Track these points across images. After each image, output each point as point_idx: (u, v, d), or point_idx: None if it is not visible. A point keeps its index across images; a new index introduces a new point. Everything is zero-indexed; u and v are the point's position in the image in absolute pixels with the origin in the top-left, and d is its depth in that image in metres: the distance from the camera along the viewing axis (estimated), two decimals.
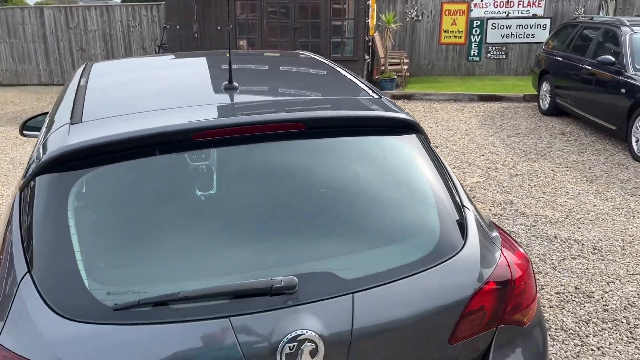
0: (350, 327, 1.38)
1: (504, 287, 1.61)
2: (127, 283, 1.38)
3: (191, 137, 1.57)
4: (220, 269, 1.44)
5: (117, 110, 1.80)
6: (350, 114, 1.76)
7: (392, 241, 1.59)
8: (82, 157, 1.54)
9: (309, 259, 1.48)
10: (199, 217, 1.55)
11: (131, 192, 1.57)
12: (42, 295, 1.33)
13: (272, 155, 1.67)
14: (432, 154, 1.83)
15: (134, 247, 1.48)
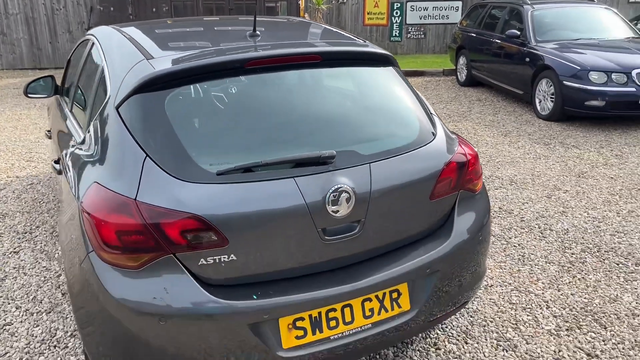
0: (369, 184, 2.08)
1: (462, 165, 2.37)
2: (222, 157, 2.00)
3: (244, 64, 2.20)
4: (284, 147, 2.09)
5: (176, 51, 2.38)
6: (351, 49, 2.45)
7: (391, 133, 2.31)
8: (167, 79, 2.12)
9: (339, 143, 2.15)
10: (260, 114, 2.18)
11: (208, 99, 2.17)
12: (163, 168, 1.93)
13: (300, 78, 2.33)
14: (406, 80, 2.55)
15: (221, 133, 2.09)
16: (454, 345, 2.80)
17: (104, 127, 2.21)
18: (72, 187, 2.24)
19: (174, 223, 1.86)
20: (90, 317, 1.98)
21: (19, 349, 2.85)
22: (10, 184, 5.25)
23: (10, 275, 3.58)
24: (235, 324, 1.90)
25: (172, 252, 1.87)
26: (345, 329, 2.08)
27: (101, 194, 1.95)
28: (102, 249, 1.90)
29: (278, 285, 2.01)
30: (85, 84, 3.01)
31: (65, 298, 3.30)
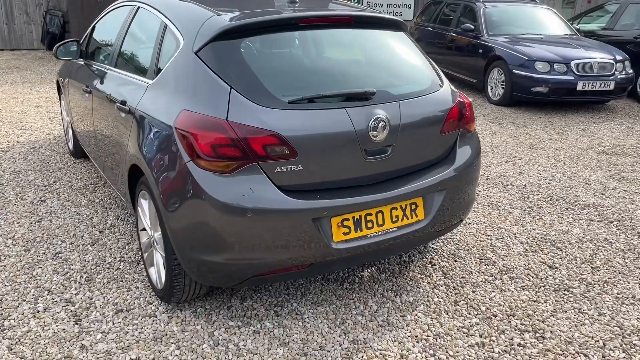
0: (399, 117, 2.69)
1: (462, 109, 3.02)
2: (290, 90, 2.56)
3: (298, 22, 2.77)
4: (336, 85, 2.67)
5: (236, 11, 2.90)
6: (374, 15, 3.04)
7: (410, 80, 2.93)
8: (240, 30, 2.66)
9: (375, 85, 2.74)
10: (314, 59, 2.75)
11: (273, 46, 2.72)
12: (246, 97, 2.47)
13: (337, 34, 2.92)
14: (415, 43, 3.19)
15: (287, 72, 2.65)
16: (446, 262, 3.46)
17: (182, 68, 2.71)
18: (152, 117, 2.74)
19: (259, 138, 2.41)
20: (186, 213, 2.48)
21: (76, 270, 3.29)
22: (13, 147, 5.53)
23: (45, 218, 3.97)
24: (302, 217, 2.47)
25: (256, 161, 2.42)
26: (378, 229, 2.69)
27: (195, 117, 2.47)
28: (200, 158, 2.42)
29: (331, 191, 2.59)
30: (136, 40, 3.47)
31: (104, 234, 3.74)
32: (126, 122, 3.06)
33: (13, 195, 4.35)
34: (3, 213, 4.04)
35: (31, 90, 8.31)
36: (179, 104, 2.60)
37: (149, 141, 2.74)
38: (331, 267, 2.71)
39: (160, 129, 2.65)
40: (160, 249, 2.86)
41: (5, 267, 3.29)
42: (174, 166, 2.52)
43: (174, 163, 2.52)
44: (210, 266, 2.54)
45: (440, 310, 2.95)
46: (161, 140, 2.62)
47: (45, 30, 13.46)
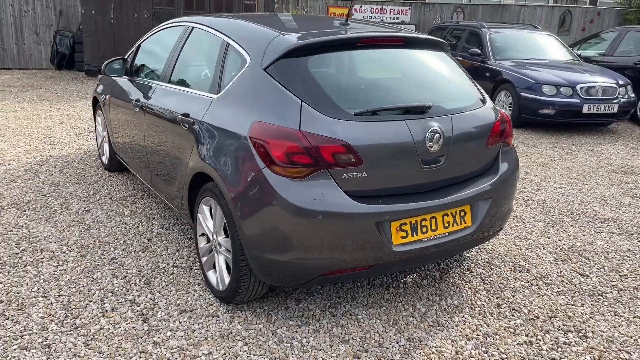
0: (452, 129, 2.92)
1: (503, 124, 3.26)
2: (355, 103, 2.78)
3: (357, 42, 3.01)
4: (395, 99, 2.89)
5: (296, 31, 3.13)
6: (422, 36, 3.30)
7: (458, 96, 3.16)
8: (306, 48, 2.88)
9: (429, 99, 2.97)
10: (373, 76, 2.98)
11: (336, 63, 2.95)
12: (316, 109, 2.68)
13: (391, 53, 3.15)
14: (457, 62, 3.43)
15: (351, 86, 2.88)
16: (482, 270, 3.66)
17: (251, 83, 2.93)
18: (222, 128, 2.94)
19: (329, 147, 2.62)
20: (260, 215, 2.67)
21: (134, 274, 3.45)
22: (47, 161, 5.70)
23: (93, 227, 4.13)
24: (367, 221, 2.67)
25: (326, 168, 2.63)
26: (432, 234, 2.89)
27: (269, 127, 2.68)
28: (274, 165, 2.62)
29: (391, 197, 2.79)
30: (193, 58, 3.70)
31: (152, 242, 3.91)
32: (189, 133, 3.26)
33: (58, 206, 4.51)
34: (52, 221, 4.19)
35: (51, 108, 8.49)
36: (250, 116, 2.81)
37: (218, 150, 2.93)
38: (389, 269, 2.90)
39: (232, 139, 2.85)
40: (224, 251, 3.04)
41: (66, 271, 3.44)
42: (248, 172, 2.72)
43: (249, 170, 2.72)
44: (279, 266, 2.72)
45: (485, 313, 3.14)
46: (233, 149, 2.82)
47: (54, 50, 13.70)
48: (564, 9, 16.12)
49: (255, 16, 3.79)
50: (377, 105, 2.80)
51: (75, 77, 12.21)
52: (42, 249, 3.73)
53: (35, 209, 4.43)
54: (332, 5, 14.89)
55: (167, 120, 3.59)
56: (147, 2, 11.22)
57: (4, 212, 4.34)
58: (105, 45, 11.50)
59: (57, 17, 13.87)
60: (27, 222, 4.16)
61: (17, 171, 5.32)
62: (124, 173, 5.42)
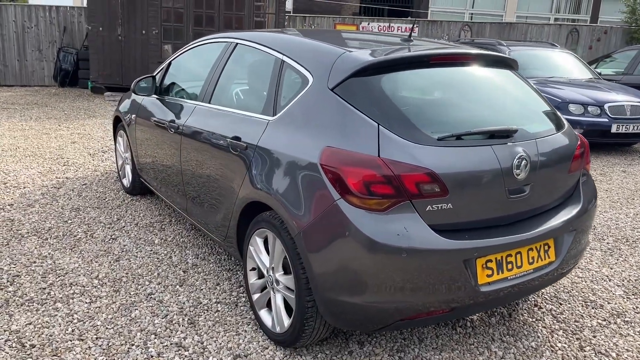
0: (537, 155, 2.65)
1: (583, 149, 3.00)
2: (435, 126, 2.51)
3: (430, 59, 2.75)
4: (475, 122, 2.62)
5: (361, 48, 2.87)
6: (494, 53, 3.05)
7: (537, 119, 2.89)
8: (378, 66, 2.62)
9: (511, 122, 2.72)
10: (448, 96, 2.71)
11: (409, 82, 2.69)
12: (396, 133, 2.41)
13: (464, 72, 2.89)
14: (529, 82, 3.18)
15: (428, 108, 2.61)
16: (551, 305, 3.37)
17: (316, 105, 2.65)
18: (283, 153, 2.66)
19: (412, 176, 2.34)
20: (333, 251, 2.38)
21: (175, 312, 3.14)
22: (64, 184, 5.39)
23: (122, 257, 3.82)
24: (454, 258, 2.38)
25: (409, 199, 2.35)
26: (517, 271, 2.61)
27: (344, 154, 2.40)
28: (351, 195, 2.34)
29: (477, 231, 2.51)
30: (240, 77, 3.43)
31: (189, 274, 3.60)
32: (239, 159, 2.98)
33: (81, 233, 4.20)
34: (77, 251, 3.88)
35: (60, 127, 8.19)
36: (318, 141, 2.53)
37: (280, 178, 2.65)
38: (471, 311, 2.61)
39: (297, 166, 2.57)
40: (283, 289, 2.74)
41: (101, 309, 3.13)
42: (319, 203, 2.43)
43: (320, 200, 2.43)
44: (353, 309, 2.43)
45: (569, 357, 2.85)
46: (300, 177, 2.54)
47: (58, 67, 13.45)
48: (571, 27, 16.05)
49: (306, 32, 3.53)
50: (461, 129, 2.53)
51: (80, 94, 11.94)
52: (71, 283, 3.41)
53: (58, 236, 4.12)
54: (339, 23, 14.74)
55: (211, 143, 3.30)
56: (156, 18, 10.98)
57: (24, 240, 4.02)
58: (112, 63, 11.24)
59: (61, 34, 13.65)
60: (51, 252, 3.85)
61: (34, 195, 5.00)
62: (146, 197, 5.12)
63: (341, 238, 2.36)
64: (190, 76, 4.07)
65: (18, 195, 4.99)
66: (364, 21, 14.97)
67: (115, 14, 11.09)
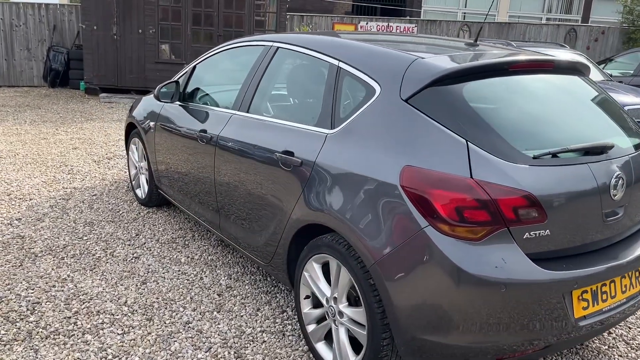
0: (632, 173, 2.41)
1: None
2: (531, 142, 2.25)
3: (509, 67, 2.49)
4: (567, 137, 2.35)
5: (432, 53, 2.60)
6: (572, 60, 2.79)
7: (626, 131, 2.63)
8: (457, 75, 2.35)
9: (603, 136, 2.47)
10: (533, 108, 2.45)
11: (491, 93, 2.42)
12: (488, 151, 2.14)
13: (545, 80, 2.64)
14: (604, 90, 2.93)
15: (515, 121, 2.33)
16: (622, 330, 3.14)
17: (387, 117, 2.38)
18: (350, 172, 2.38)
19: (510, 200, 2.07)
20: (418, 285, 2.11)
21: (218, 344, 2.85)
22: (72, 195, 5.04)
23: (149, 279, 3.51)
24: (554, 291, 2.12)
25: (507, 226, 2.08)
26: (611, 302, 2.36)
27: (431, 175, 2.12)
28: (442, 222, 2.07)
29: (573, 260, 2.25)
30: (285, 84, 3.14)
31: (224, 298, 3.30)
32: (293, 176, 2.70)
33: (100, 251, 3.87)
34: (99, 272, 3.56)
35: (58, 131, 7.81)
36: (395, 158, 2.26)
37: (347, 199, 2.37)
38: (563, 346, 2.36)
39: (370, 187, 2.29)
40: (348, 322, 2.47)
41: (136, 342, 2.82)
42: (402, 230, 2.16)
43: (402, 227, 2.16)
44: (440, 349, 2.16)
45: None
46: (374, 200, 2.27)
47: (48, 66, 12.98)
48: (569, 28, 15.97)
49: (355, 35, 3.25)
50: (555, 145, 2.27)
51: (73, 95, 11.52)
52: (99, 311, 3.10)
53: (75, 255, 3.79)
54: (337, 22, 14.46)
55: (254, 157, 3.01)
56: (153, 17, 10.61)
57: (39, 260, 3.69)
58: (107, 63, 10.84)
59: (51, 32, 13.18)
60: (70, 274, 3.52)
61: (42, 207, 4.66)
62: (163, 209, 4.80)
63: (429, 270, 2.10)
64: (220, 82, 3.77)
65: (25, 208, 4.63)
66: (362, 21, 14.71)
67: (110, 12, 10.68)
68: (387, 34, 3.46)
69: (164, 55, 10.91)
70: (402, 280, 2.16)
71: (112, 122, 8.69)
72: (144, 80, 10.91)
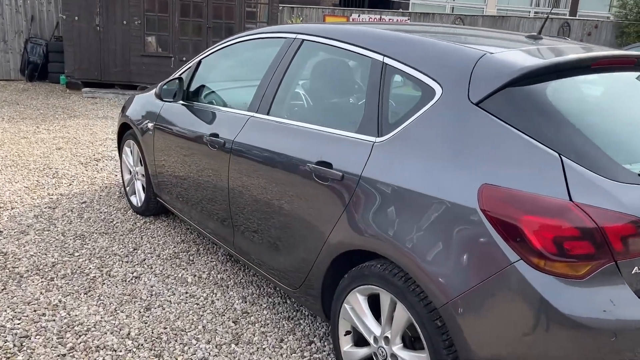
0: None
1: None
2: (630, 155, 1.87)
3: (590, 64, 2.11)
4: None
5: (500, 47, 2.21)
6: None
7: None
8: (541, 73, 1.97)
9: None
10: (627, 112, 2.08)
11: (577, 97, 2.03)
12: (587, 167, 1.75)
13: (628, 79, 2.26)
14: None
15: (614, 130, 1.96)
16: None
17: (453, 124, 1.99)
18: (408, 189, 1.99)
19: (618, 227, 1.70)
20: (507, 332, 1.73)
21: None
22: (59, 202, 4.57)
23: (153, 305, 3.08)
24: None
25: (614, 260, 1.71)
26: None
27: (518, 197, 1.74)
28: (537, 256, 1.69)
29: None
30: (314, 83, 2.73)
31: (241, 326, 2.89)
32: (331, 192, 2.30)
33: (95, 270, 3.42)
34: (95, 296, 3.12)
35: (39, 129, 7.27)
36: (469, 175, 1.87)
37: (407, 223, 1.99)
38: None
39: (438, 208, 1.90)
40: None
41: None
42: (484, 264, 1.77)
43: (485, 261, 1.77)
44: None
45: None
46: (444, 225, 1.88)
47: (25, 59, 12.33)
48: (563, 21, 15.74)
49: (396, 25, 2.84)
50: None
51: (53, 90, 10.91)
52: (98, 346, 2.67)
53: (66, 275, 3.34)
54: (328, 15, 14.02)
55: (280, 168, 2.60)
56: (139, 7, 10.06)
57: (25, 282, 3.23)
58: (89, 56, 10.27)
59: (28, 23, 12.52)
60: (62, 299, 3.07)
61: (25, 217, 4.18)
62: (161, 218, 4.35)
63: (520, 314, 1.72)
64: (232, 80, 3.34)
65: (6, 218, 4.15)
66: (354, 13, 14.30)
67: (92, 2, 10.11)
68: (425, 24, 3.06)
69: (150, 48, 10.38)
70: (483, 325, 1.78)
71: (97, 119, 8.17)
72: (129, 74, 10.37)
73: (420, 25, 3.07)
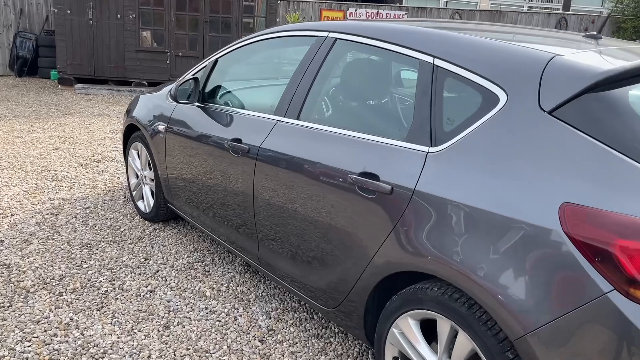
0: None
1: None
2: None
3: None
4: None
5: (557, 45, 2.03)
6: None
7: None
8: (620, 78, 1.79)
9: None
10: None
11: None
12: None
13: None
14: None
15: None
16: None
17: (522, 135, 1.80)
18: (470, 206, 1.80)
19: None
20: None
21: None
22: (61, 207, 4.33)
23: (172, 322, 2.87)
24: None
25: None
26: None
27: (609, 219, 1.55)
28: (635, 286, 1.51)
29: None
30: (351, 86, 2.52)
31: (269, 346, 2.69)
32: (377, 207, 2.10)
33: (107, 284, 3.20)
34: (109, 313, 2.90)
35: (33, 127, 6.99)
36: (547, 192, 1.68)
37: (478, 246, 1.79)
38: None
39: (512, 230, 1.72)
40: None
41: None
42: (570, 294, 1.59)
43: (570, 289, 1.59)
44: None
45: None
46: (521, 249, 1.69)
47: (14, 54, 11.98)
48: (560, 16, 15.65)
49: (443, 23, 2.64)
50: None
51: (44, 85, 10.60)
52: None
53: (76, 290, 3.12)
54: (325, 9, 13.80)
55: (316, 178, 2.39)
56: (133, 1, 9.76)
57: (32, 298, 3.00)
58: (82, 51, 9.97)
59: (17, 17, 12.18)
60: (74, 317, 2.86)
61: (27, 225, 3.94)
62: (170, 224, 4.14)
63: (612, 350, 1.53)
64: (254, 81, 3.12)
65: (7, 226, 3.91)
66: (351, 7, 14.08)
67: None
68: (471, 22, 2.87)
69: (145, 43, 10.09)
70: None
71: (92, 117, 7.90)
72: (123, 70, 10.08)
73: (457, 23, 2.87)
